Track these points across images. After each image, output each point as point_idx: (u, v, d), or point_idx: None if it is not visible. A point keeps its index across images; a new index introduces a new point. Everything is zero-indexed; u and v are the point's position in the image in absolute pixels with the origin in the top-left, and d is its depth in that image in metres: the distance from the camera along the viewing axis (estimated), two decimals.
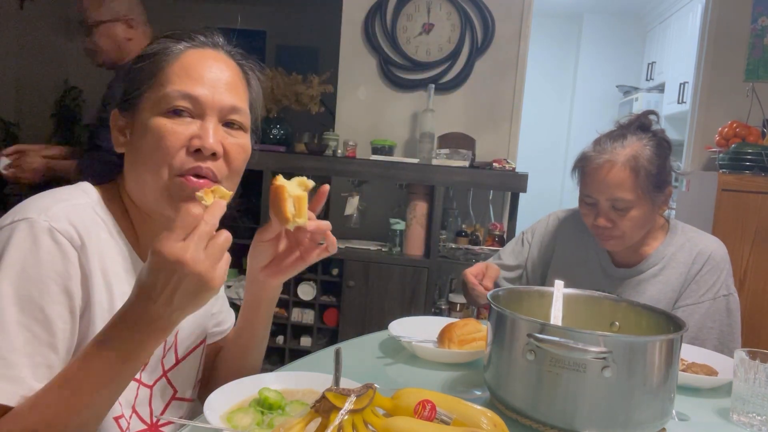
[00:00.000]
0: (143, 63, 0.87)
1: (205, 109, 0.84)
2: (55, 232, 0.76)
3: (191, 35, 0.89)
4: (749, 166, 2.71)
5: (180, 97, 0.83)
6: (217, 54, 0.89)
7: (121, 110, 0.89)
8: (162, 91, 0.84)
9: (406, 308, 2.81)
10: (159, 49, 0.87)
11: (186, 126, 0.83)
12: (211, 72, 0.86)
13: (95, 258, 0.81)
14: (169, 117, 0.83)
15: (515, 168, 2.93)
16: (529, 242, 1.70)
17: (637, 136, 1.41)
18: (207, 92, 0.84)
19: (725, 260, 1.47)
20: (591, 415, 0.86)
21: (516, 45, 3.11)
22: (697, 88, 3.39)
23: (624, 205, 1.38)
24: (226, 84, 0.87)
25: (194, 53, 0.87)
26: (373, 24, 3.16)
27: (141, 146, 0.84)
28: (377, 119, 3.21)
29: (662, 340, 0.88)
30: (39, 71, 5.23)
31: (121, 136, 0.89)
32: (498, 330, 0.96)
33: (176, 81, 0.84)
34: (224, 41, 0.92)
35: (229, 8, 5.24)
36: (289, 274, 0.97)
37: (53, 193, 0.84)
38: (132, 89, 0.87)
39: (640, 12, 5.03)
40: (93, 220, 0.83)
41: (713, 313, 1.43)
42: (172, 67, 0.85)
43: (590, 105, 5.34)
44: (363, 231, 3.11)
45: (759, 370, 1.00)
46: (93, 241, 0.81)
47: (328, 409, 0.70)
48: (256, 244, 0.96)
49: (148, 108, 0.84)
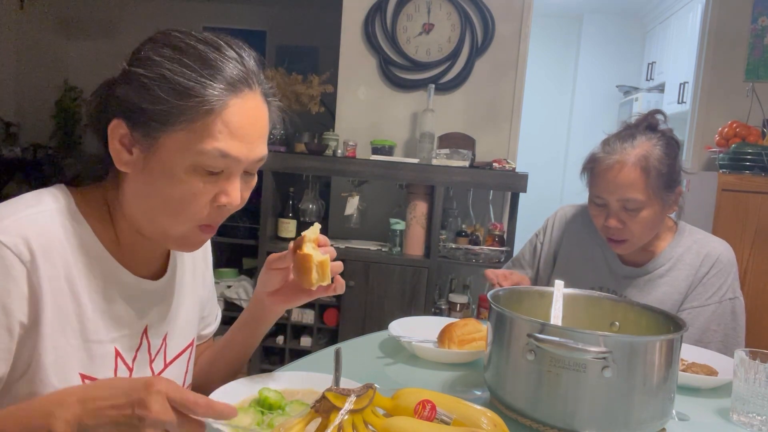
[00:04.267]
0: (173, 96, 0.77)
1: (238, 166, 0.82)
2: (2, 247, 0.73)
3: (225, 65, 0.80)
4: (749, 166, 2.71)
5: (218, 156, 0.78)
6: (254, 98, 0.82)
7: (130, 124, 0.80)
8: (199, 145, 0.77)
9: (406, 308, 2.81)
10: (194, 90, 0.77)
11: (214, 183, 0.81)
12: (251, 124, 0.81)
13: (55, 270, 0.78)
14: (200, 175, 0.79)
15: (515, 168, 2.93)
16: (541, 239, 1.69)
17: (647, 135, 1.40)
18: (245, 151, 0.81)
19: (732, 263, 1.47)
20: (591, 415, 0.86)
21: (516, 45, 3.11)
22: (697, 88, 3.39)
23: (635, 205, 1.37)
24: (261, 134, 0.84)
25: (236, 105, 0.79)
26: (373, 24, 3.16)
27: (162, 192, 0.80)
28: (377, 119, 3.21)
29: (662, 340, 0.88)
30: (39, 71, 5.23)
31: (125, 152, 0.81)
32: (498, 330, 0.96)
33: (218, 138, 0.78)
34: (255, 65, 0.84)
35: (229, 8, 5.24)
36: (295, 303, 1.00)
37: (18, 201, 0.81)
38: (156, 116, 0.78)
39: (640, 12, 5.02)
40: (62, 227, 0.80)
41: (719, 316, 1.43)
42: (213, 119, 0.78)
43: (590, 105, 5.34)
44: (363, 231, 3.11)
45: (759, 370, 1.00)
46: (55, 252, 0.78)
47: (328, 409, 0.70)
48: (267, 270, 0.97)
49: (177, 151, 0.78)
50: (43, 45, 5.28)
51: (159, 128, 0.78)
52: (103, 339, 0.84)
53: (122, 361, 0.87)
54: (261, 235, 2.95)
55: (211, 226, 0.85)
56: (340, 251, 2.88)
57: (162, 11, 5.35)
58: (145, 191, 0.82)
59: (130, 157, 0.81)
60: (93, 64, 5.40)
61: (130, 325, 0.88)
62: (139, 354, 0.90)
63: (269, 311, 1.02)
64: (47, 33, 5.31)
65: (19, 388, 0.77)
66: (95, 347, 0.82)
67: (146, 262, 0.91)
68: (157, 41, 0.82)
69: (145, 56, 0.80)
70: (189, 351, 1.01)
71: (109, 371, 0.85)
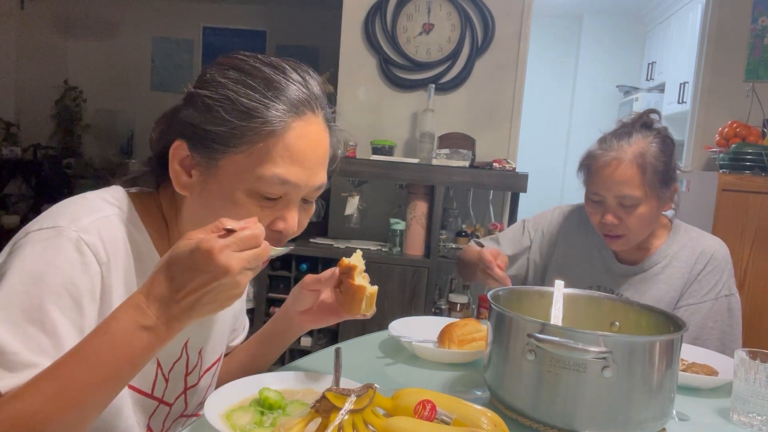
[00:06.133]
0: (236, 117, 0.77)
1: (297, 193, 0.81)
2: (83, 244, 0.73)
3: (289, 88, 0.80)
4: (749, 166, 2.71)
5: (277, 182, 0.78)
6: (317, 122, 0.82)
7: (192, 146, 0.79)
8: (259, 169, 0.77)
9: (406, 308, 2.80)
10: (258, 111, 0.77)
11: (273, 209, 0.80)
12: (312, 150, 0.81)
13: (120, 274, 0.78)
14: (258, 200, 0.78)
15: (515, 168, 2.93)
16: (531, 235, 1.67)
17: (642, 133, 1.41)
18: (305, 177, 0.80)
19: (727, 260, 1.48)
20: (591, 415, 0.86)
21: (516, 45, 3.11)
22: (697, 88, 3.39)
23: (631, 201, 1.38)
24: (322, 161, 0.83)
25: (298, 128, 0.79)
26: (374, 24, 3.16)
27: (218, 213, 0.75)
28: (377, 119, 3.21)
29: (662, 340, 0.88)
30: (39, 71, 5.24)
31: (185, 175, 0.81)
32: (498, 330, 0.96)
33: (279, 163, 0.77)
34: (319, 90, 0.84)
35: (229, 8, 5.24)
36: (322, 324, 1.02)
37: (85, 201, 0.80)
38: (217, 137, 0.78)
39: (640, 12, 5.02)
40: (124, 232, 0.80)
41: (715, 313, 1.44)
42: (274, 142, 0.77)
43: (590, 105, 5.34)
44: (363, 231, 3.11)
45: (759, 370, 1.00)
46: (121, 256, 0.78)
47: (328, 409, 0.70)
48: (302, 290, 0.99)
49: (236, 174, 0.77)
50: (43, 45, 5.28)
51: (220, 150, 0.78)
52: None
53: (161, 372, 0.87)
54: None
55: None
56: (340, 251, 2.88)
57: (162, 11, 5.36)
58: (202, 213, 0.81)
59: (188, 180, 0.81)
60: (93, 64, 5.41)
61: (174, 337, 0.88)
62: (176, 366, 0.90)
63: (296, 328, 1.04)
64: (47, 33, 5.31)
65: None
66: None
67: None
68: (222, 64, 0.82)
69: (210, 78, 0.80)
70: (218, 365, 1.02)
71: (149, 381, 0.85)
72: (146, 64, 5.44)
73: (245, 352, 1.10)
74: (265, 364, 1.08)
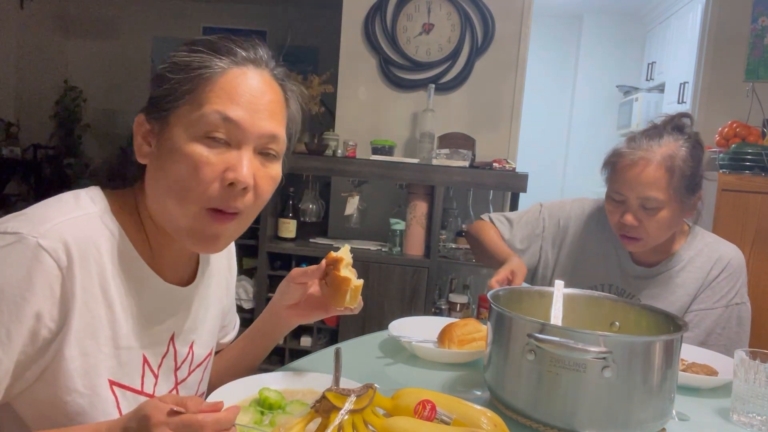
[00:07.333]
0: (179, 74, 0.80)
1: (243, 136, 0.80)
2: (41, 250, 0.72)
3: (233, 49, 0.82)
4: (749, 166, 2.71)
5: (218, 119, 0.78)
6: (260, 73, 0.83)
7: (148, 115, 0.82)
8: (199, 111, 0.78)
9: (406, 308, 2.80)
10: (198, 62, 0.80)
11: (221, 156, 0.79)
12: (253, 94, 0.80)
13: (90, 277, 0.77)
14: (204, 143, 0.78)
15: (515, 168, 2.93)
16: (545, 223, 1.63)
17: (674, 136, 1.38)
18: (246, 116, 0.79)
19: (742, 268, 1.47)
20: (591, 415, 0.86)
21: (516, 45, 3.11)
22: (697, 88, 3.40)
23: (654, 204, 1.35)
24: (267, 108, 0.82)
25: (236, 72, 0.81)
26: (373, 24, 3.16)
27: (170, 171, 0.79)
28: (377, 119, 3.21)
29: (662, 340, 0.88)
30: (39, 71, 5.23)
31: (145, 144, 0.83)
32: (498, 330, 0.96)
33: (215, 101, 0.78)
34: (268, 56, 0.85)
35: (229, 8, 5.24)
36: (310, 319, 1.03)
37: (57, 204, 0.80)
38: (163, 97, 0.80)
39: (640, 12, 5.02)
40: (99, 232, 0.79)
41: (724, 320, 1.43)
42: (212, 85, 0.79)
43: (590, 105, 5.34)
44: (363, 231, 3.11)
45: (759, 370, 1.00)
46: (91, 257, 0.77)
47: (328, 409, 0.70)
48: (289, 283, 0.99)
49: (181, 126, 0.79)
50: (43, 45, 5.28)
51: (168, 108, 0.80)
52: (134, 346, 0.83)
53: (149, 368, 0.87)
54: (261, 234, 2.95)
55: (223, 212, 0.80)
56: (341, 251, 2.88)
57: (162, 11, 5.35)
58: (156, 176, 0.82)
59: (149, 149, 0.83)
60: (93, 64, 5.41)
61: (159, 332, 0.87)
62: (165, 361, 0.90)
63: (284, 324, 1.04)
64: (47, 33, 5.31)
65: (39, 391, 0.76)
66: (125, 354, 0.82)
67: (176, 267, 0.90)
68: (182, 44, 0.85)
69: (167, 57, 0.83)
70: (209, 360, 1.01)
71: (137, 378, 0.85)
72: (146, 64, 5.44)
73: (235, 350, 1.10)
74: (255, 361, 1.07)
